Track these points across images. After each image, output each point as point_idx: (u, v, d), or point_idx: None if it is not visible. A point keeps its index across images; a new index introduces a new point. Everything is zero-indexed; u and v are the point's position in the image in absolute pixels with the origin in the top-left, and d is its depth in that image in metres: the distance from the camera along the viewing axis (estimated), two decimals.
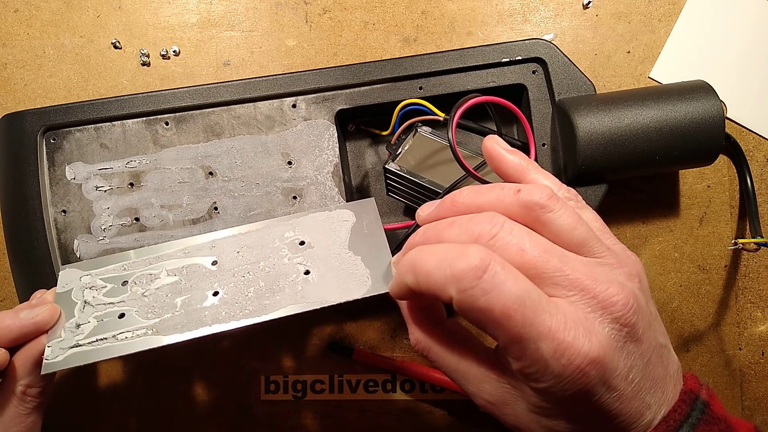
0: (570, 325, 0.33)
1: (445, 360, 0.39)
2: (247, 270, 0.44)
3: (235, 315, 0.42)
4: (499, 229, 0.35)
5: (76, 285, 0.45)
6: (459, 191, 0.39)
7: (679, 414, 0.37)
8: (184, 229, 0.54)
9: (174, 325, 0.42)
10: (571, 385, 0.33)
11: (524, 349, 0.33)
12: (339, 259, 0.44)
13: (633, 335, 0.35)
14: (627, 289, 0.35)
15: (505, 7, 0.60)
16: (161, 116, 0.55)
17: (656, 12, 0.59)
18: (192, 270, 0.45)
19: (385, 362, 0.59)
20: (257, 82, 0.54)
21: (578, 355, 0.33)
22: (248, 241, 0.46)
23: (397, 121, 0.55)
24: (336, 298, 0.42)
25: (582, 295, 0.34)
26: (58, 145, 0.55)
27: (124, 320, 0.43)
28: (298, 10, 0.61)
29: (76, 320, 0.43)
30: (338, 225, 0.46)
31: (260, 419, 0.60)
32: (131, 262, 0.46)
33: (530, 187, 0.37)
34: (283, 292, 0.43)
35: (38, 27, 0.61)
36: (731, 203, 0.59)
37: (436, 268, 0.34)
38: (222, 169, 0.54)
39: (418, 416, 0.60)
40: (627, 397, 0.35)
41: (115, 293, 0.44)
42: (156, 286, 0.44)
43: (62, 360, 0.41)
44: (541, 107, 0.55)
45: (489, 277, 0.32)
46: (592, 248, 0.37)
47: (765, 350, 0.59)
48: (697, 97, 0.51)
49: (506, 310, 0.32)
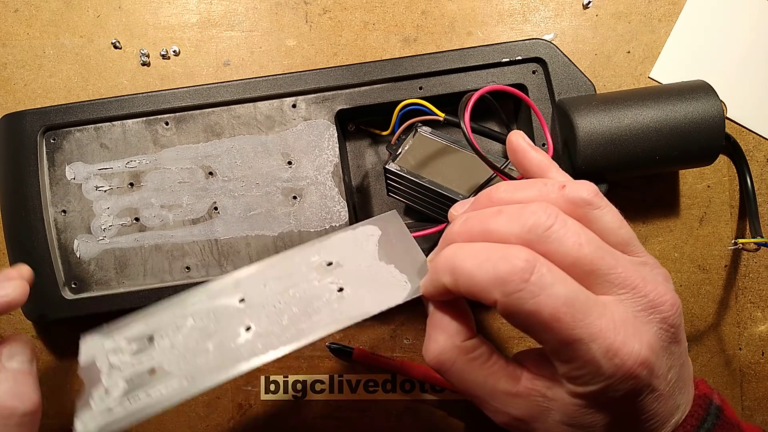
0: (619, 324, 0.33)
1: (470, 376, 0.37)
2: (278, 300, 0.42)
3: (273, 344, 0.40)
4: (554, 220, 0.33)
5: (99, 352, 0.43)
6: (495, 186, 0.38)
7: (695, 419, 0.37)
8: (184, 229, 0.54)
9: (209, 368, 0.40)
10: (623, 386, 0.33)
11: (574, 351, 0.32)
12: (372, 271, 0.42)
13: (676, 336, 0.35)
14: (671, 290, 0.35)
15: (505, 7, 0.60)
16: (161, 116, 0.55)
17: (656, 12, 0.59)
18: (219, 312, 0.43)
19: (385, 362, 0.59)
20: (257, 82, 0.54)
21: (630, 356, 0.32)
22: (273, 273, 0.44)
23: (397, 121, 0.55)
24: (377, 307, 0.40)
25: (633, 293, 0.34)
26: (58, 145, 0.55)
27: (155, 376, 0.41)
28: (298, 10, 0.61)
29: (105, 386, 0.41)
30: (364, 240, 0.45)
31: (260, 419, 0.60)
32: (154, 318, 0.44)
33: (575, 183, 0.36)
34: (319, 314, 0.41)
35: (38, 27, 0.61)
36: (731, 203, 0.59)
37: (478, 269, 0.33)
38: (222, 169, 0.54)
39: (418, 416, 0.60)
40: (665, 397, 0.35)
41: (142, 351, 0.42)
42: (184, 334, 0.42)
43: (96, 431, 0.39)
44: (541, 107, 0.55)
45: (536, 279, 0.31)
46: (635, 248, 0.37)
47: (765, 350, 0.59)
48: (697, 97, 0.50)
49: (555, 313, 0.31)
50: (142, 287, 0.54)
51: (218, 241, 0.54)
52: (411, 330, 0.60)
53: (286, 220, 0.54)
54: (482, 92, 0.46)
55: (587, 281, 0.33)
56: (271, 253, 0.54)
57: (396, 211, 0.46)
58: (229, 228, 0.54)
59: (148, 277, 0.55)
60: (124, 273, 0.55)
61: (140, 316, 0.44)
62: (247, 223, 0.54)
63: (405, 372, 0.59)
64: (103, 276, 0.55)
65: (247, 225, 0.54)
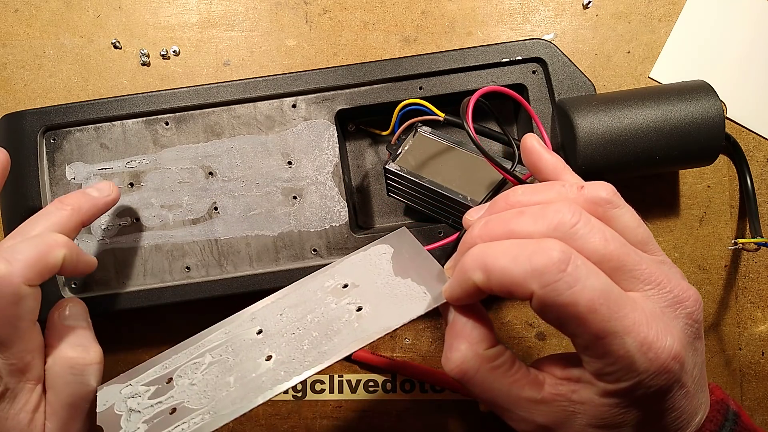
0: (651, 319, 0.32)
1: (494, 384, 0.36)
2: (296, 327, 0.42)
3: (295, 370, 0.40)
4: (579, 218, 0.33)
5: (117, 399, 0.42)
6: (512, 190, 0.38)
7: (714, 424, 0.37)
8: (184, 229, 0.54)
9: (232, 401, 0.39)
10: (655, 382, 0.33)
11: (608, 345, 0.32)
12: (389, 287, 0.42)
13: (699, 332, 0.35)
14: (692, 287, 0.35)
15: (505, 7, 0.60)
16: (161, 116, 0.55)
17: (656, 12, 0.59)
18: (237, 345, 0.42)
19: (385, 362, 0.59)
20: (257, 82, 0.54)
21: (664, 350, 0.32)
22: (288, 302, 0.44)
23: (397, 121, 0.55)
24: (398, 321, 0.40)
25: (659, 289, 0.34)
26: (58, 145, 0.55)
27: (176, 414, 0.40)
28: (298, 10, 0.61)
29: (124, 430, 0.40)
30: (377, 259, 0.44)
31: (260, 419, 0.60)
32: (170, 360, 0.43)
33: (593, 183, 0.36)
34: (340, 334, 0.40)
35: (38, 27, 0.61)
36: (731, 203, 0.59)
37: (514, 263, 0.32)
38: (222, 169, 0.54)
39: (418, 416, 0.60)
40: (691, 394, 0.35)
41: (161, 393, 0.41)
42: (203, 371, 0.42)
43: None
44: (541, 107, 0.55)
45: (572, 269, 0.31)
46: (653, 247, 0.37)
47: (765, 350, 0.59)
48: (697, 97, 0.50)
49: (591, 304, 0.31)
50: (142, 287, 0.54)
51: (218, 241, 0.54)
52: (411, 330, 0.60)
53: (286, 220, 0.54)
54: (480, 93, 0.46)
55: (614, 278, 0.33)
56: (271, 253, 0.54)
57: (405, 227, 0.46)
58: (229, 228, 0.54)
59: (148, 277, 0.55)
60: (124, 273, 0.55)
61: (156, 360, 0.43)
62: (247, 223, 0.54)
63: (405, 372, 0.59)
64: (103, 276, 0.55)
65: (247, 225, 0.54)
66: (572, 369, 0.36)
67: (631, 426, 0.35)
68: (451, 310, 0.38)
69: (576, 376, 0.36)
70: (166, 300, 0.54)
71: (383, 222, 0.60)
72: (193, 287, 0.54)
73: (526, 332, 0.60)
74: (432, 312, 0.40)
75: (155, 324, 0.60)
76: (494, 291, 0.34)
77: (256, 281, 0.54)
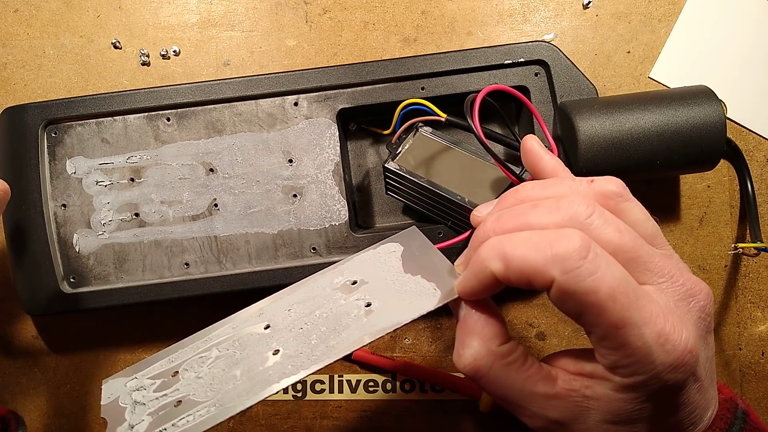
0: (666, 311, 0.32)
1: (507, 381, 0.36)
2: (304, 322, 0.41)
3: (303, 364, 0.39)
4: (593, 209, 0.33)
5: (121, 391, 0.42)
6: (522, 185, 0.38)
7: (724, 422, 0.36)
8: (184, 225, 0.54)
9: (238, 393, 0.39)
10: (672, 376, 0.32)
11: (626, 335, 0.31)
12: (398, 284, 0.42)
13: (710, 326, 0.35)
14: (702, 281, 0.35)
15: (505, 7, 0.60)
16: (163, 112, 0.55)
17: (656, 12, 0.60)
18: (244, 340, 0.42)
19: (385, 362, 0.58)
20: (259, 80, 0.54)
21: (680, 342, 0.32)
22: (297, 297, 0.43)
23: (399, 121, 0.55)
24: (408, 316, 0.39)
25: (672, 282, 0.34)
26: (59, 139, 0.55)
27: (181, 407, 0.39)
28: (298, 10, 0.61)
29: (128, 422, 0.40)
30: (386, 257, 0.44)
31: (260, 419, 0.60)
32: (176, 354, 0.42)
33: (602, 177, 0.36)
34: (348, 329, 0.40)
35: (38, 27, 0.61)
36: (731, 203, 0.59)
37: (533, 251, 0.32)
38: (223, 166, 0.54)
39: (418, 416, 0.59)
40: (704, 388, 0.35)
41: (166, 386, 0.41)
42: (209, 365, 0.41)
43: None
44: (543, 109, 0.55)
45: (593, 257, 0.31)
46: (662, 241, 0.37)
47: (765, 350, 0.59)
48: (698, 103, 0.50)
49: (612, 292, 0.31)
50: (141, 282, 0.54)
51: (218, 237, 0.54)
52: (411, 330, 0.60)
53: (286, 218, 0.54)
54: (486, 91, 0.46)
55: (628, 269, 0.33)
56: (270, 250, 0.54)
57: (416, 226, 0.46)
58: (228, 225, 0.54)
59: (147, 272, 0.54)
60: (123, 268, 0.54)
61: (162, 354, 0.43)
62: (247, 221, 0.54)
63: (405, 372, 0.59)
64: (102, 271, 0.54)
65: (246, 222, 0.54)
66: (585, 364, 0.36)
67: (645, 421, 0.35)
68: (462, 306, 0.38)
69: (589, 371, 0.35)
70: (164, 296, 0.54)
71: (383, 221, 0.60)
72: (192, 284, 0.54)
73: (526, 332, 0.60)
74: (432, 312, 0.39)
75: (156, 324, 0.60)
76: (512, 281, 0.33)
77: (255, 279, 0.54)
